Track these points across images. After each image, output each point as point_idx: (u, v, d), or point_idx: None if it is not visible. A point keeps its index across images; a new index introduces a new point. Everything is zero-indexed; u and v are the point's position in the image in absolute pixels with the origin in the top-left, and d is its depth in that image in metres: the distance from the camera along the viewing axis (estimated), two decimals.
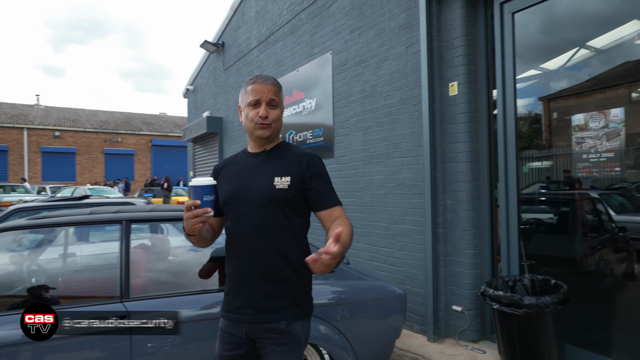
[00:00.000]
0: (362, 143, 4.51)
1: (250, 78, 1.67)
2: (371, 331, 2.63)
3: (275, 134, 1.66)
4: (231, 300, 1.62)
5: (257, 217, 1.56)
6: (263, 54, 6.79)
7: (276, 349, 1.53)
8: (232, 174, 1.67)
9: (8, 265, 2.63)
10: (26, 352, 2.07)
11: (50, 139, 23.37)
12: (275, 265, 1.55)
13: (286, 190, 1.56)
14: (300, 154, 1.65)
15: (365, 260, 4.43)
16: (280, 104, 1.67)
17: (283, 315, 1.54)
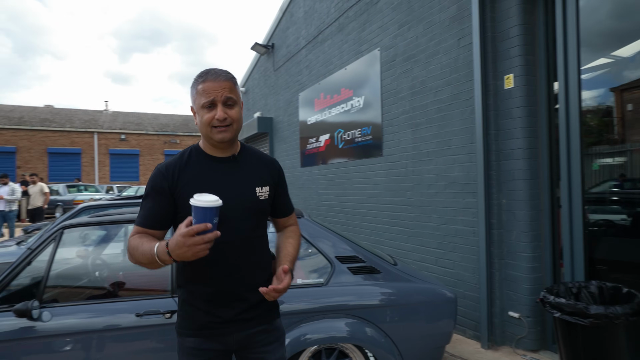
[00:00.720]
0: (412, 141, 4.38)
1: (199, 74, 1.47)
2: (419, 335, 2.55)
3: (236, 135, 1.51)
4: (210, 317, 1.48)
5: (243, 229, 1.48)
6: (311, 54, 6.82)
7: (266, 348, 1.55)
8: (199, 182, 1.46)
9: (75, 258, 2.83)
10: (92, 340, 2.20)
11: (117, 141, 25.05)
12: (259, 277, 1.52)
13: (267, 201, 1.55)
14: (268, 160, 1.62)
15: (415, 261, 4.30)
16: (238, 100, 1.49)
17: (269, 317, 1.57)
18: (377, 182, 4.99)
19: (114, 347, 2.22)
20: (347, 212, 5.69)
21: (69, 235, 2.50)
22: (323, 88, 6.31)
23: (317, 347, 2.42)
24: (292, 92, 7.63)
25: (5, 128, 22.71)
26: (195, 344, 1.48)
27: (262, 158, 1.62)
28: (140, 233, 1.45)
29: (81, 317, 2.24)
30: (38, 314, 2.17)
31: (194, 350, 1.48)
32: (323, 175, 6.37)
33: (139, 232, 1.45)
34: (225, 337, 1.50)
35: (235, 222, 1.45)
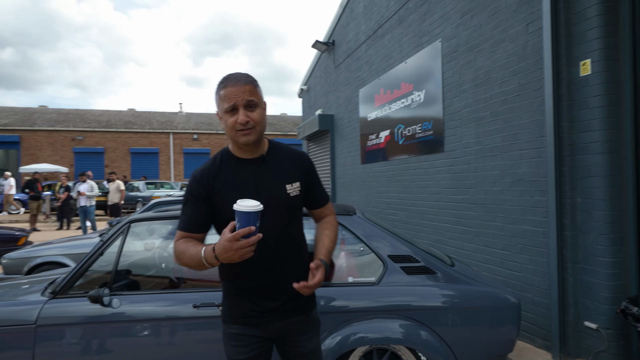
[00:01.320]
0: (475, 135, 4.15)
1: (221, 81, 1.51)
2: (478, 341, 2.40)
3: (261, 137, 1.56)
4: (251, 306, 1.57)
5: (277, 227, 1.54)
6: (371, 49, 6.72)
7: (304, 337, 1.62)
8: (233, 185, 1.54)
9: (141, 250, 3.04)
10: (154, 327, 2.35)
11: (190, 141, 26.62)
12: (296, 269, 1.58)
13: (298, 196, 1.60)
14: (296, 155, 1.65)
15: (479, 263, 4.07)
16: (260, 101, 1.52)
17: (306, 308, 1.64)
18: (438, 179, 4.79)
19: (173, 336, 2.35)
20: (408, 210, 5.54)
21: (136, 229, 2.68)
22: (383, 83, 6.19)
23: (369, 347, 2.37)
24: (352, 88, 7.59)
25: (96, 131, 25.09)
26: (238, 331, 1.58)
27: (291, 154, 1.65)
28: (184, 238, 1.55)
29: (145, 306, 2.39)
30: (108, 301, 2.36)
31: (238, 335, 1.58)
32: (383, 172, 6.26)
33: (183, 236, 1.55)
34: (267, 325, 1.58)
35: (269, 220, 1.48)
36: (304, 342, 1.62)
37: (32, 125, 24.30)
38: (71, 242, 5.09)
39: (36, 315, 2.37)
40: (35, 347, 2.33)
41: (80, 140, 24.75)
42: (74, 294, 2.45)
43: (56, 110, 28.89)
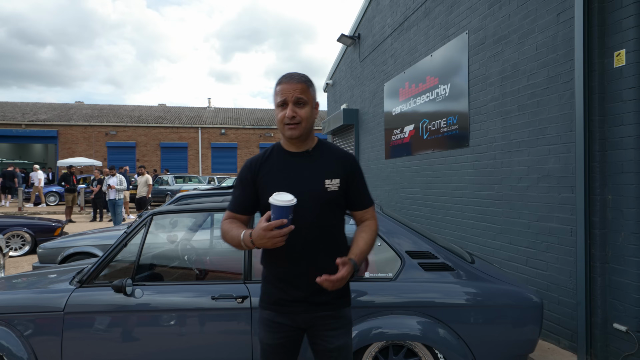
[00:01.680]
0: (501, 130, 4.03)
1: (279, 78, 1.65)
2: (498, 341, 2.34)
3: (307, 133, 1.65)
4: (282, 294, 1.65)
5: (311, 218, 1.60)
6: (397, 42, 6.62)
7: (332, 332, 1.65)
8: (275, 174, 1.65)
9: (163, 242, 3.13)
10: (174, 317, 2.41)
11: (218, 135, 27.07)
12: (327, 262, 1.60)
13: (336, 192, 1.64)
14: (343, 155, 1.71)
15: (503, 260, 3.97)
16: (310, 100, 1.63)
17: (337, 305, 1.66)
18: (462, 175, 4.69)
19: (192, 326, 2.40)
20: (431, 206, 5.45)
21: (158, 222, 2.75)
22: (408, 77, 6.10)
23: (385, 342, 2.36)
24: (377, 82, 7.51)
25: (128, 126, 25.87)
26: (270, 317, 1.68)
27: (337, 153, 1.71)
28: (230, 218, 1.70)
29: (166, 296, 2.46)
30: (131, 291, 2.44)
31: (269, 322, 1.68)
32: (407, 167, 6.18)
33: (229, 216, 1.70)
34: (295, 315, 1.66)
35: (304, 211, 1.56)
36: (331, 337, 1.65)
37: (68, 121, 25.29)
38: (102, 234, 5.29)
39: (64, 303, 2.48)
40: (63, 332, 2.44)
41: (113, 135, 25.60)
42: (99, 283, 2.54)
43: (91, 105, 29.97)
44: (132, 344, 2.42)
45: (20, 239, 7.78)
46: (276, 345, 1.67)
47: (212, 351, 2.39)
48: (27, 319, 2.49)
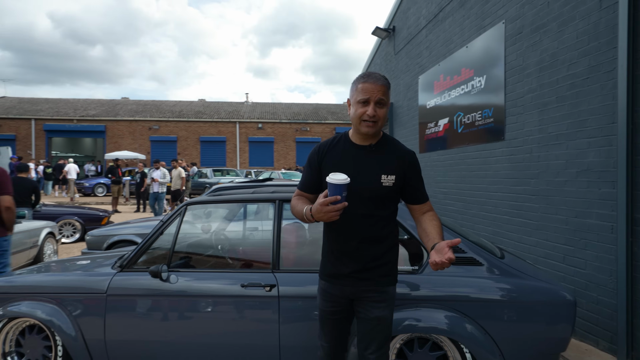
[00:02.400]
0: (538, 123, 3.89)
1: (362, 75, 1.76)
2: (528, 338, 2.29)
3: (380, 130, 1.81)
4: (334, 269, 1.88)
5: (364, 208, 1.78)
6: (432, 34, 6.49)
7: (375, 304, 1.84)
8: (338, 161, 1.83)
9: (197, 231, 3.26)
10: (206, 303, 2.53)
11: (255, 130, 27.55)
12: (375, 245, 1.82)
13: (390, 188, 1.79)
14: (403, 152, 1.84)
15: (539, 258, 3.85)
16: (388, 102, 1.77)
17: (381, 283, 1.84)
18: (497, 169, 4.57)
19: (222, 311, 2.51)
20: (465, 201, 5.35)
21: (192, 212, 2.88)
22: (443, 69, 5.98)
23: (410, 335, 2.37)
24: (411, 75, 7.40)
25: (169, 120, 26.82)
26: (324, 287, 1.93)
27: (397, 150, 1.85)
28: (298, 195, 1.94)
29: (199, 282, 2.58)
30: (166, 276, 2.58)
31: (323, 291, 1.94)
32: (441, 161, 6.08)
33: (298, 194, 1.94)
34: (343, 287, 1.87)
35: (359, 200, 1.76)
36: (373, 308, 1.84)
37: (115, 116, 26.54)
38: (144, 223, 5.57)
39: (107, 286, 2.65)
40: (105, 313, 2.62)
41: (156, 129, 26.62)
42: (138, 268, 2.70)
43: (136, 101, 31.26)
44: (166, 325, 2.56)
45: (71, 227, 8.31)
46: (330, 311, 1.92)
47: (240, 336, 2.48)
48: (74, 299, 2.69)
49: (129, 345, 2.61)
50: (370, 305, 1.84)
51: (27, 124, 25.68)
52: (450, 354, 2.35)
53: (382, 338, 1.86)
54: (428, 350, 2.37)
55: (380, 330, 1.85)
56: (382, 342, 1.87)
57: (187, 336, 2.53)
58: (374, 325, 1.85)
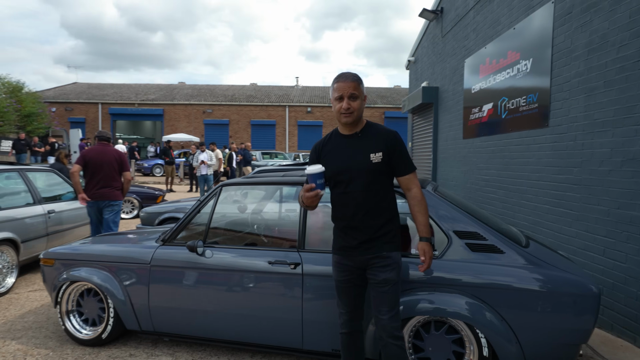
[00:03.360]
0: (584, 108, 3.70)
1: (336, 77, 2.11)
2: (547, 327, 2.27)
3: (357, 119, 2.12)
4: (344, 243, 2.17)
5: (362, 184, 2.09)
6: (479, 15, 6.25)
7: (382, 269, 2.10)
8: (333, 152, 2.17)
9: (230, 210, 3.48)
10: (237, 277, 2.74)
11: (304, 114, 27.82)
12: (377, 217, 2.11)
13: (380, 163, 2.09)
14: (385, 132, 2.14)
15: (578, 249, 3.72)
16: (360, 95, 2.09)
17: (385, 249, 2.11)
18: (540, 157, 4.40)
19: (250, 286, 2.70)
20: (507, 189, 5.20)
21: (226, 192, 3.09)
22: (489, 52, 5.76)
23: (427, 317, 2.43)
24: (458, 58, 7.18)
25: (222, 104, 27.73)
26: (337, 259, 2.22)
27: (381, 131, 2.15)
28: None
29: (231, 257, 2.79)
30: (202, 251, 2.81)
31: (337, 263, 2.22)
32: (484, 147, 5.92)
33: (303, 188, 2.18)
34: (353, 257, 2.16)
35: (356, 179, 2.09)
36: (379, 272, 2.10)
37: (172, 100, 27.85)
38: (192, 202, 5.94)
39: (150, 257, 2.94)
40: (149, 281, 2.91)
41: (209, 113, 27.65)
42: (178, 242, 2.96)
43: (191, 86, 32.56)
44: (201, 295, 2.80)
45: (130, 204, 8.99)
46: (344, 280, 2.20)
47: (267, 309, 2.67)
48: (124, 268, 3.00)
49: (169, 311, 2.89)
50: (377, 270, 2.10)
51: (94, 107, 27.63)
52: (466, 338, 2.39)
53: (391, 300, 2.10)
54: (444, 334, 2.43)
55: (387, 292, 2.09)
56: (392, 304, 2.11)
57: (220, 306, 2.76)
58: (382, 286, 2.09)
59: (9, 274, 4.49)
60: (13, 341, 3.23)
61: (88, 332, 3.16)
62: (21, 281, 4.81)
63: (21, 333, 3.38)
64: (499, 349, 2.29)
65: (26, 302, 4.14)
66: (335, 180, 2.14)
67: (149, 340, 3.23)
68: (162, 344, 3.16)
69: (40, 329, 3.46)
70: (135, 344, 3.16)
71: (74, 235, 5.65)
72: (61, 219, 5.37)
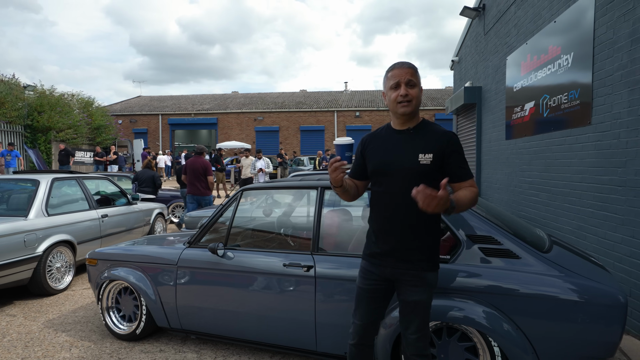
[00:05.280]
0: (628, 104, 3.43)
1: (390, 66, 1.91)
2: (567, 339, 2.13)
3: (416, 111, 1.89)
4: (376, 248, 1.96)
5: (404, 187, 1.82)
6: (520, 9, 5.97)
7: (413, 289, 1.89)
8: (379, 147, 1.96)
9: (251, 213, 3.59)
10: (255, 278, 2.83)
11: (352, 118, 27.83)
12: (416, 226, 1.87)
13: (428, 166, 1.82)
14: (441, 132, 1.87)
15: (624, 256, 3.43)
16: (418, 84, 1.87)
17: (421, 266, 1.88)
18: (583, 157, 4.12)
19: (268, 287, 2.78)
20: (549, 191, 4.90)
21: (246, 197, 3.20)
22: (530, 48, 5.49)
23: (439, 323, 2.37)
24: (500, 56, 6.90)
25: (273, 111, 28.46)
26: (365, 265, 2.03)
27: (436, 131, 1.90)
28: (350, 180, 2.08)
29: (249, 260, 2.89)
30: (222, 253, 2.94)
31: (363, 269, 2.03)
32: (527, 148, 5.62)
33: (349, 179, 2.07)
34: (382, 267, 1.95)
35: (399, 179, 1.86)
36: (411, 292, 1.90)
37: (225, 109, 29.02)
38: None
39: (177, 258, 3.12)
40: (176, 281, 3.08)
41: (260, 120, 28.48)
42: (201, 245, 3.12)
43: (244, 94, 33.75)
44: (221, 296, 2.93)
45: (181, 208, 9.50)
46: (366, 289, 2.00)
47: (282, 311, 2.74)
48: (155, 268, 3.21)
49: (194, 310, 3.05)
50: (408, 290, 1.90)
51: (155, 119, 29.47)
52: (479, 346, 2.31)
53: (420, 321, 1.92)
54: (457, 341, 2.36)
55: (418, 314, 1.91)
56: (421, 324, 1.93)
57: (239, 307, 2.87)
58: (411, 308, 1.91)
59: (67, 272, 4.93)
60: (63, 333, 3.55)
61: (124, 328, 3.40)
62: (77, 280, 5.26)
63: (71, 326, 3.70)
64: (513, 359, 2.19)
65: (79, 298, 4.53)
66: (376, 177, 1.95)
67: (178, 338, 3.41)
68: (190, 342, 3.33)
69: (87, 323, 3.77)
70: (166, 340, 3.36)
71: (126, 238, 6.08)
72: (113, 222, 5.80)
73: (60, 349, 3.24)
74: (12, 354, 3.17)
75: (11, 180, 5.28)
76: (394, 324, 2.39)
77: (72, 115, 18.61)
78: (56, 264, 4.74)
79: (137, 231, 6.49)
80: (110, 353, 3.16)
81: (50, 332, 3.57)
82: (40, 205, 4.72)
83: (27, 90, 16.98)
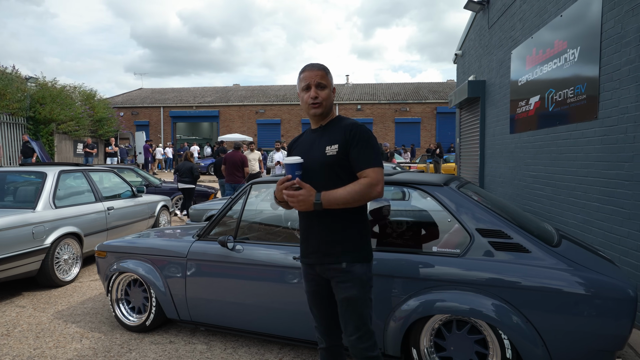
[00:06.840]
0: (635, 98, 3.43)
1: (302, 68, 1.95)
2: (576, 332, 2.15)
3: (327, 110, 1.94)
4: (302, 246, 2.00)
5: (318, 180, 1.85)
6: (525, 3, 5.94)
7: (342, 285, 1.86)
8: (299, 147, 2.04)
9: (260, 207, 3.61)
10: (265, 271, 2.86)
11: (354, 111, 27.77)
12: (333, 218, 1.85)
13: (335, 156, 1.85)
14: (346, 125, 1.89)
15: (630, 250, 3.46)
16: (329, 85, 1.92)
17: (343, 258, 1.85)
18: (589, 151, 4.13)
19: (276, 280, 2.81)
20: (555, 185, 4.92)
21: (255, 190, 3.22)
22: (535, 42, 5.47)
23: (449, 316, 2.40)
24: (504, 50, 6.87)
25: (274, 104, 28.40)
26: (303, 267, 2.04)
27: (343, 124, 1.92)
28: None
29: (259, 253, 2.91)
30: (232, 246, 2.96)
31: (303, 272, 2.04)
32: (531, 142, 5.63)
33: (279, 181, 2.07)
34: (314, 265, 1.95)
35: (313, 173, 1.88)
36: (341, 289, 1.87)
37: (227, 102, 28.96)
38: None
39: (187, 251, 3.14)
40: (186, 273, 3.11)
41: (262, 113, 28.43)
42: (211, 238, 3.14)
43: (245, 87, 33.64)
44: (230, 288, 2.96)
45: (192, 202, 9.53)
46: (311, 292, 2.01)
47: (289, 303, 2.77)
48: (164, 261, 3.24)
49: (203, 302, 3.08)
50: (337, 286, 1.87)
51: (157, 111, 29.42)
52: (489, 339, 2.34)
53: (356, 319, 1.85)
54: (466, 333, 2.39)
55: (352, 312, 1.85)
56: (359, 323, 1.85)
57: (248, 299, 2.90)
58: (345, 306, 1.86)
59: (74, 264, 4.97)
60: (73, 324, 3.59)
61: (134, 319, 3.44)
62: (85, 271, 5.30)
63: (80, 317, 3.74)
64: (523, 352, 2.22)
65: (87, 290, 4.57)
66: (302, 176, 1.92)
67: (187, 329, 3.45)
68: (200, 333, 3.37)
69: (97, 315, 3.81)
70: (175, 332, 3.40)
71: (132, 230, 6.12)
72: (119, 215, 5.83)
73: (71, 340, 3.28)
74: (24, 344, 3.21)
75: (18, 172, 5.30)
76: (403, 317, 2.42)
77: (74, 107, 18.59)
78: (64, 256, 4.78)
79: (142, 224, 6.52)
80: (120, 344, 3.20)
81: (60, 323, 3.61)
82: (48, 198, 4.74)
83: (29, 82, 16.95)
